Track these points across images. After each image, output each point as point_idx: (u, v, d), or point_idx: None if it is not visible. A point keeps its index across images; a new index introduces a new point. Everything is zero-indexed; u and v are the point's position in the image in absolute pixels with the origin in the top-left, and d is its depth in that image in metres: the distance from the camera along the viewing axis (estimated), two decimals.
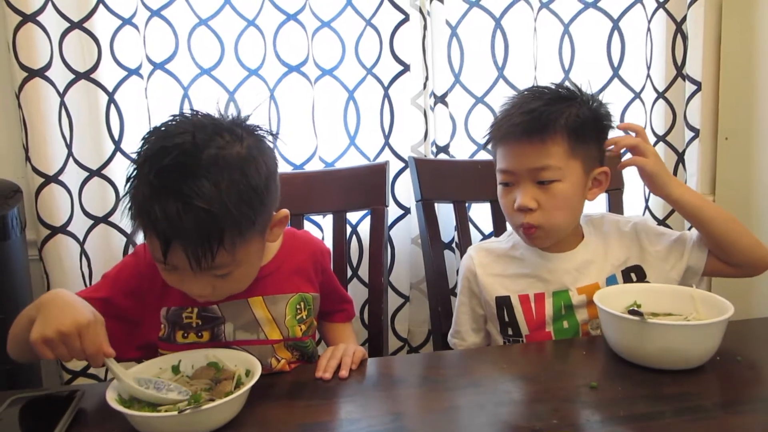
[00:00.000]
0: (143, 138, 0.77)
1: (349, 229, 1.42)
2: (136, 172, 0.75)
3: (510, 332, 1.05)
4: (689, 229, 1.08)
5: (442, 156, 1.49)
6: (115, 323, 0.82)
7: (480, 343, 1.12)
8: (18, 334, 0.79)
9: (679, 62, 1.58)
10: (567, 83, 1.04)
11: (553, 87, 1.01)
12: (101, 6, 1.32)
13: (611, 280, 1.03)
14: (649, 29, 1.57)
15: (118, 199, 1.40)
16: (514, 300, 1.04)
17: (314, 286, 0.97)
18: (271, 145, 0.83)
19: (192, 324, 0.87)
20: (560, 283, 1.03)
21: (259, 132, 0.81)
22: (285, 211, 0.87)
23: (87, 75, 1.34)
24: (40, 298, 0.76)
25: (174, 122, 0.77)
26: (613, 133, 1.06)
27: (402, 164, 1.48)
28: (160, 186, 0.71)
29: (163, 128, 0.77)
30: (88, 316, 0.72)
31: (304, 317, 0.94)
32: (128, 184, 0.76)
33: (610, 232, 1.08)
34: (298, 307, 0.93)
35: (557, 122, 0.95)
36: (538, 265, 1.04)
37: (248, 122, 0.81)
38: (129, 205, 0.76)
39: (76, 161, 1.37)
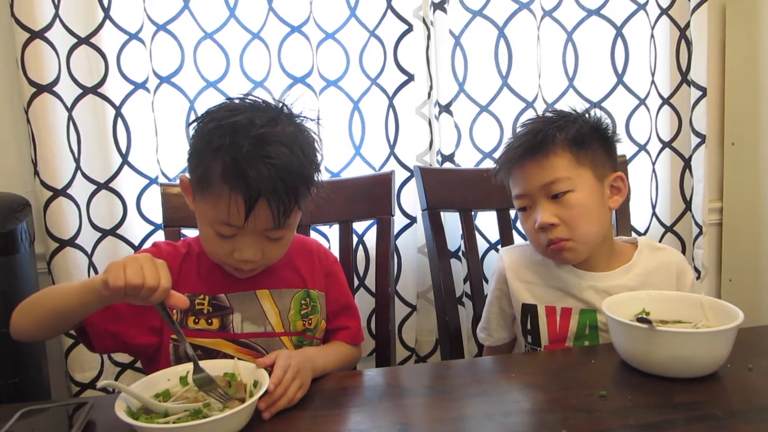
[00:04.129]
0: (213, 114, 0.87)
1: (355, 239, 1.42)
2: (221, 142, 0.83)
3: (530, 339, 1.05)
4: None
5: (447, 165, 1.49)
6: (130, 305, 0.86)
7: (507, 338, 1.13)
8: (53, 302, 0.84)
9: (683, 68, 1.58)
10: (566, 108, 1.05)
11: (551, 114, 1.04)
12: (108, 21, 1.34)
13: None
14: (652, 36, 1.57)
15: (125, 212, 1.41)
16: (540, 310, 1.04)
17: (320, 285, 1.02)
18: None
19: (203, 310, 0.93)
20: (589, 302, 1.01)
21: (298, 119, 0.92)
22: (314, 191, 0.95)
23: (94, 89, 1.36)
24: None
25: (234, 105, 0.89)
26: (620, 146, 1.05)
27: (407, 174, 1.48)
28: (250, 153, 0.82)
29: (232, 108, 0.88)
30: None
31: (308, 313, 0.98)
32: (210, 155, 0.84)
33: (663, 269, 1.03)
34: (303, 302, 0.98)
35: (555, 137, 0.97)
36: (569, 281, 1.03)
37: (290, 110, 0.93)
38: (206, 171, 0.84)
39: (84, 175, 1.39)
